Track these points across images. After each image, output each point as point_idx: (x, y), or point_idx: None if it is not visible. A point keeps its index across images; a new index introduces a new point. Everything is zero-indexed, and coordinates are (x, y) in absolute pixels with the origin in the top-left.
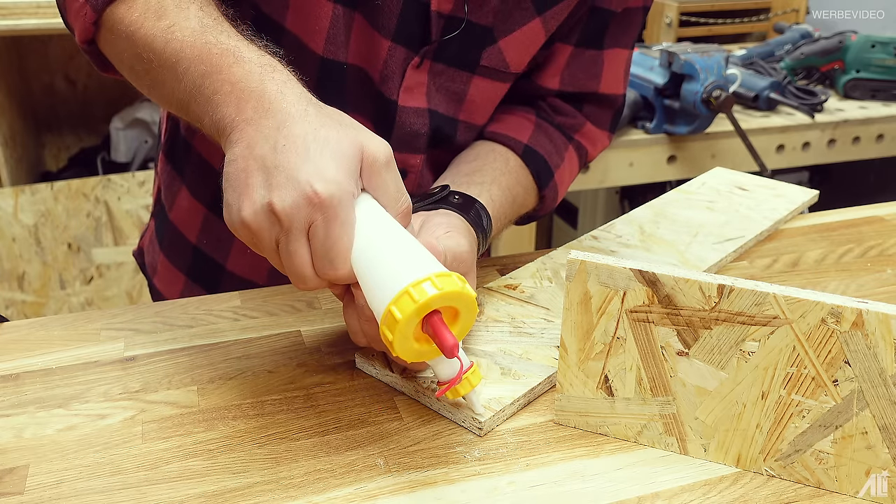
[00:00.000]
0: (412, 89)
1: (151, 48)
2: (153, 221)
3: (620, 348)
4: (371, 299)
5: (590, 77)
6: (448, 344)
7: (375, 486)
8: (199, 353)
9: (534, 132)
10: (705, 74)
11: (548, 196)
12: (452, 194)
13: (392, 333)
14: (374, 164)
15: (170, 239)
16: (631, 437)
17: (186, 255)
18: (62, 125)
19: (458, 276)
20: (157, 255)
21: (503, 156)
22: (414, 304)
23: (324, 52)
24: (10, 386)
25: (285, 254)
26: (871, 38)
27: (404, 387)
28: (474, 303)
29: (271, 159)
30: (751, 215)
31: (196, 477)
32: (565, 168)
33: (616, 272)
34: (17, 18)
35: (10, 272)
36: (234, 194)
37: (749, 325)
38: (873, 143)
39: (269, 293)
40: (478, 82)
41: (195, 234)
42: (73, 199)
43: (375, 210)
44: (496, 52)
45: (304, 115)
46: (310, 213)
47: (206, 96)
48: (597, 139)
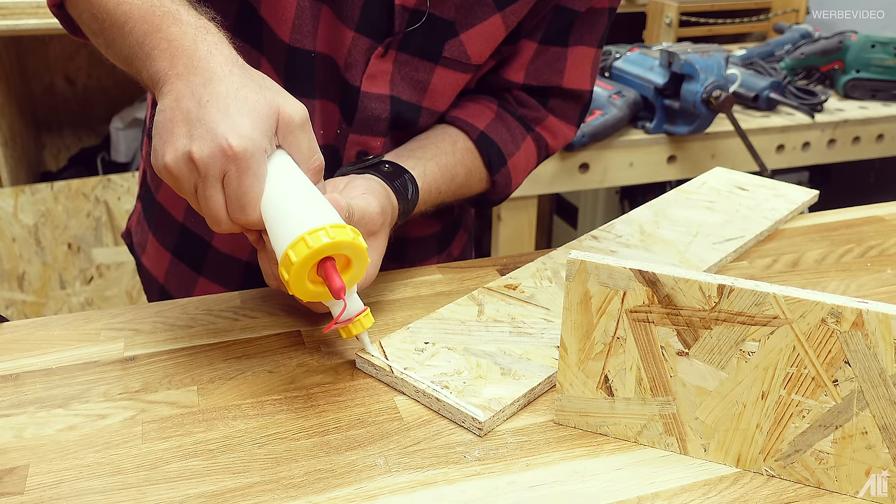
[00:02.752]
0: (375, 77)
1: (105, 9)
2: (139, 203)
3: (620, 348)
4: (275, 244)
5: (553, 72)
6: (336, 287)
7: (375, 486)
8: (199, 353)
9: (493, 120)
10: (705, 74)
11: (499, 182)
12: (384, 163)
13: (288, 274)
14: (290, 124)
15: (158, 218)
16: (631, 437)
17: (173, 232)
18: (62, 125)
19: (351, 229)
20: (145, 235)
21: (452, 137)
22: (308, 249)
23: (290, 41)
24: (10, 386)
25: (202, 198)
26: (871, 38)
27: (404, 387)
28: (365, 253)
29: (195, 113)
30: (751, 215)
31: (196, 477)
32: (520, 157)
33: (616, 272)
34: (17, 18)
35: (10, 272)
36: (160, 141)
37: (749, 325)
38: (873, 143)
39: (269, 293)
40: (441, 72)
41: (181, 212)
42: (73, 199)
43: (288, 165)
44: (458, 45)
45: (229, 75)
46: (224, 164)
47: (146, 52)
48: (559, 132)
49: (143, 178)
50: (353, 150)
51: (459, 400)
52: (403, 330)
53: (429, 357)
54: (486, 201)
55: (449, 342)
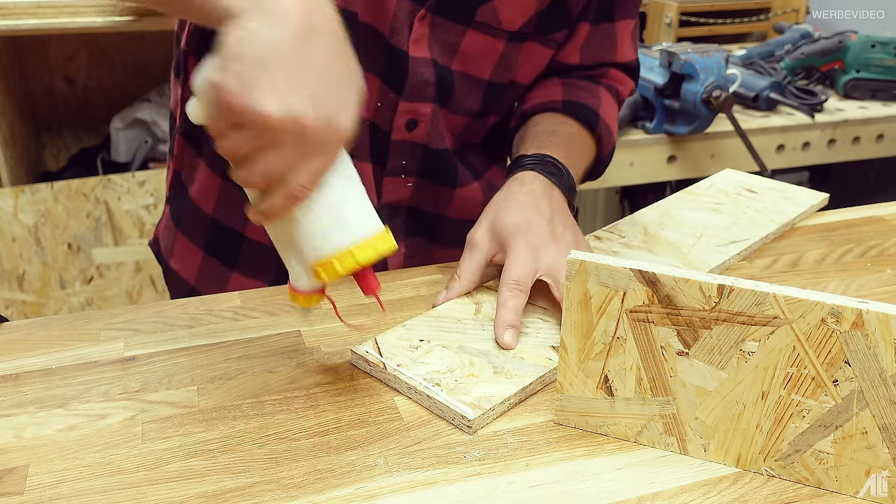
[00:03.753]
0: (419, 41)
1: None
2: (167, 208)
3: (620, 348)
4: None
5: (607, 49)
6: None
7: (375, 486)
8: (199, 353)
9: (564, 89)
10: (705, 74)
11: (602, 135)
12: (524, 158)
13: (327, 278)
14: None
15: (188, 216)
16: (631, 437)
17: (204, 228)
18: (62, 125)
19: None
20: (174, 238)
21: (545, 120)
22: (355, 265)
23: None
24: (10, 386)
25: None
26: (871, 38)
27: (397, 384)
28: None
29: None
30: (758, 218)
31: (196, 477)
32: (606, 107)
33: (616, 272)
34: (17, 18)
35: (10, 272)
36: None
37: (749, 325)
38: (873, 143)
39: (269, 293)
40: (471, 36)
41: (212, 205)
42: (73, 199)
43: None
44: (491, 10)
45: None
46: (326, 139)
47: None
48: (623, 81)
49: (172, 179)
50: (403, 120)
51: (450, 398)
52: (400, 327)
53: (423, 354)
54: (600, 161)
55: (444, 340)
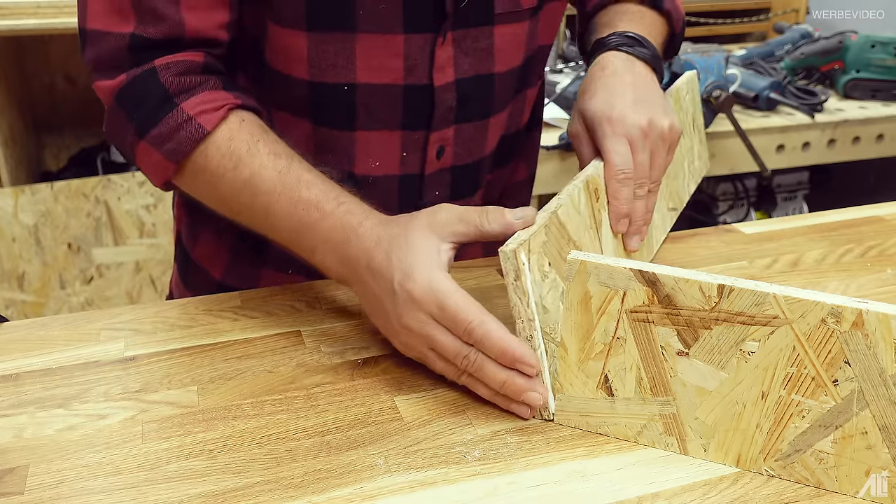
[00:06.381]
0: (443, 67)
1: (238, 200)
2: (175, 264)
3: (620, 348)
4: None
5: None
6: None
7: (375, 486)
8: (199, 353)
9: None
10: (705, 74)
11: (670, 10)
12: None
13: None
14: None
15: (194, 278)
16: (631, 437)
17: (210, 290)
18: (62, 125)
19: None
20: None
21: (611, 10)
22: None
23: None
24: (10, 386)
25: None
26: (871, 38)
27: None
28: None
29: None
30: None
31: (196, 477)
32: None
33: (616, 272)
34: (17, 18)
35: (10, 272)
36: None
37: (749, 325)
38: (873, 143)
39: (269, 293)
40: (500, 30)
41: (220, 271)
42: (73, 199)
43: None
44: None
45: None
46: None
47: (307, 250)
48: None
49: (177, 238)
50: (434, 150)
51: None
52: None
53: (547, 290)
54: (674, 36)
55: None
